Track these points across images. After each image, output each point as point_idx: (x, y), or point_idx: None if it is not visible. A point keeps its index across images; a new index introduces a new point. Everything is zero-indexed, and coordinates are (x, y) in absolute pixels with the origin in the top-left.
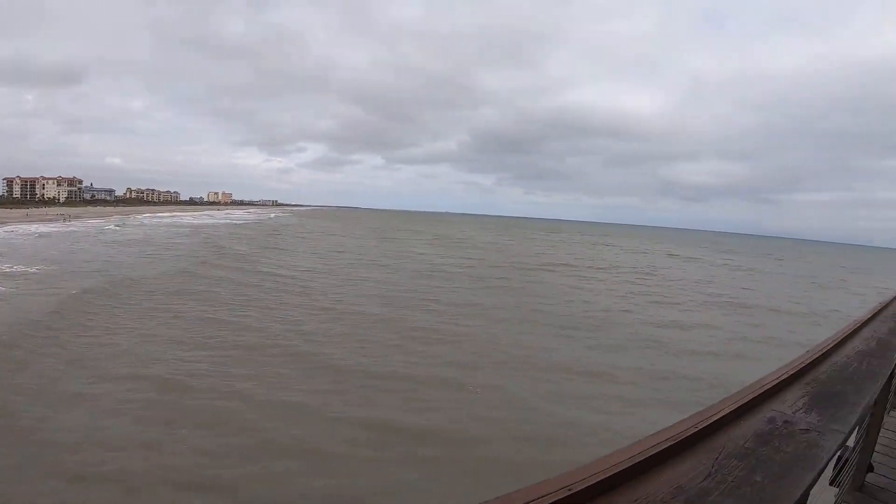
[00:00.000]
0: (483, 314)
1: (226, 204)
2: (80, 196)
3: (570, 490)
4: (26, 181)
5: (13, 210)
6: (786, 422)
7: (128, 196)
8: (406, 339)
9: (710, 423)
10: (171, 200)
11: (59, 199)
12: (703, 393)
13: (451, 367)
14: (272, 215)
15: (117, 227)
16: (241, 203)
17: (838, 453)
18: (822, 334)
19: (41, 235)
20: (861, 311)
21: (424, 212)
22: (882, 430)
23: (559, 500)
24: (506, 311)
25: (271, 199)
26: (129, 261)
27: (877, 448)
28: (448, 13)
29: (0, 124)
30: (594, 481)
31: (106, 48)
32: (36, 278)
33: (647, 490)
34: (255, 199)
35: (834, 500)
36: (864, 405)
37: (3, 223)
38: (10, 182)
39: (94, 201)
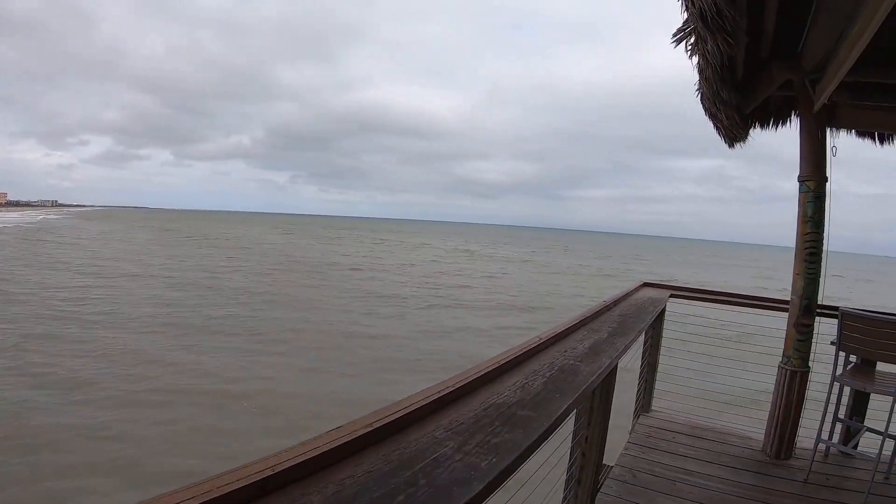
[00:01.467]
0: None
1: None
2: None
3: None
4: None
5: None
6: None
7: None
8: None
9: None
10: None
11: None
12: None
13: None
14: (39, 217)
15: None
16: (16, 204)
17: None
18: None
19: None
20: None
21: (217, 211)
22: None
23: (364, 434)
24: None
25: (51, 198)
26: None
27: None
28: (252, 1)
29: None
30: (392, 419)
31: None
32: None
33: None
34: (34, 199)
35: None
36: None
37: None
38: None
39: None
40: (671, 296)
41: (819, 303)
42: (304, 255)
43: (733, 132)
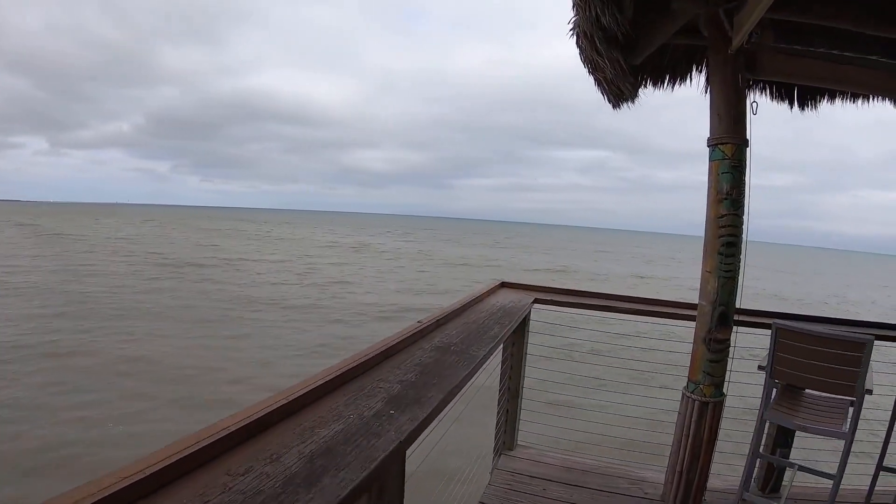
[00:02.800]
0: None
1: None
2: None
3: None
4: None
5: None
6: None
7: None
8: None
9: None
10: None
11: None
12: None
13: None
14: None
15: None
16: None
17: None
18: None
19: None
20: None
21: (95, 203)
22: None
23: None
24: None
25: None
26: None
27: None
28: None
29: None
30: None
31: None
32: None
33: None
34: None
35: None
36: None
37: None
38: None
39: None
40: (536, 301)
41: (738, 307)
42: (163, 250)
43: (619, 88)
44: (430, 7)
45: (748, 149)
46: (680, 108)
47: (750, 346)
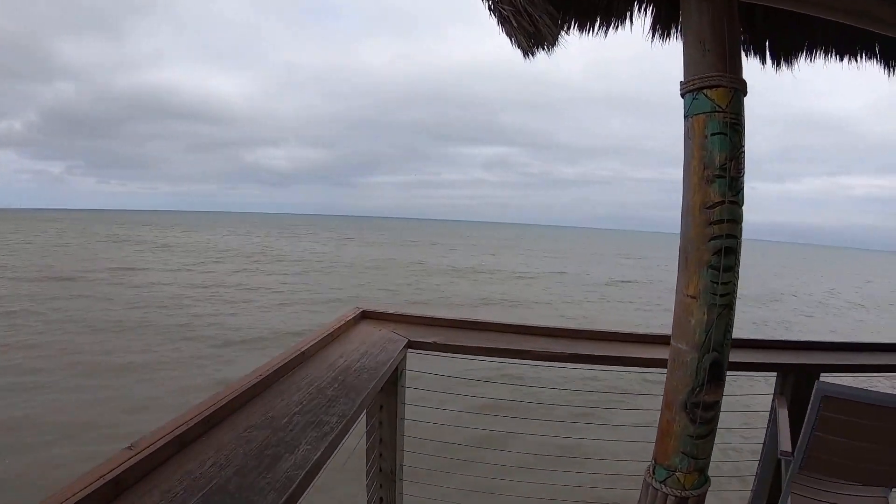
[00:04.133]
0: None
1: None
2: None
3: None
4: None
5: None
6: None
7: None
8: None
9: None
10: None
11: None
12: None
13: None
14: None
15: None
16: None
17: None
18: None
19: None
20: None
21: None
22: None
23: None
24: None
25: None
26: None
27: None
28: None
29: None
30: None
31: None
32: None
33: None
34: None
35: None
36: None
37: None
38: None
39: None
40: (410, 345)
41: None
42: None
43: (534, 23)
44: (339, 2)
45: (746, 97)
46: (580, 104)
47: None
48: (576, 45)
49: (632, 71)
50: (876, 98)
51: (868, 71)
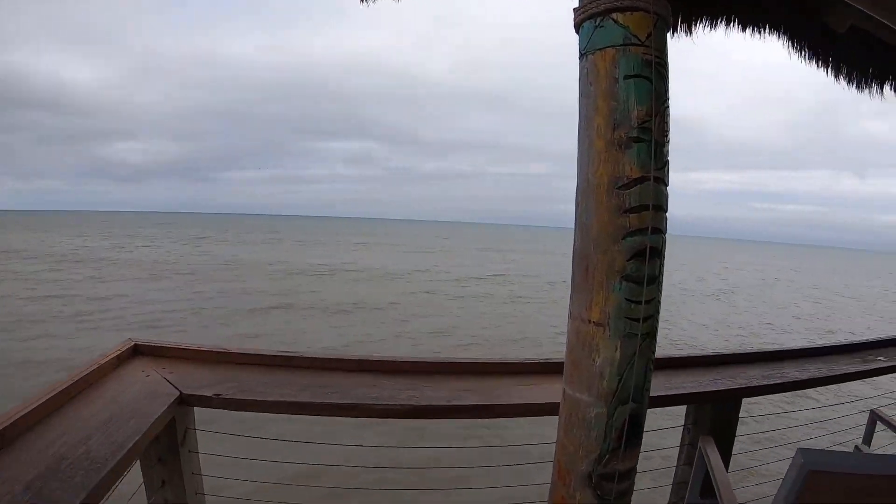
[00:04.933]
0: None
1: None
2: None
3: None
4: None
5: None
6: None
7: None
8: None
9: None
10: None
11: None
12: None
13: None
14: None
15: None
16: None
17: None
18: None
19: None
20: None
21: None
22: None
23: None
24: None
25: None
26: None
27: None
28: None
29: None
30: None
31: None
32: None
33: None
34: None
35: None
36: None
37: None
38: None
39: None
40: (184, 399)
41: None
42: None
43: None
44: None
45: (670, 36)
46: (445, 100)
47: None
48: (444, 44)
49: (496, 72)
50: (728, 105)
51: (721, 76)
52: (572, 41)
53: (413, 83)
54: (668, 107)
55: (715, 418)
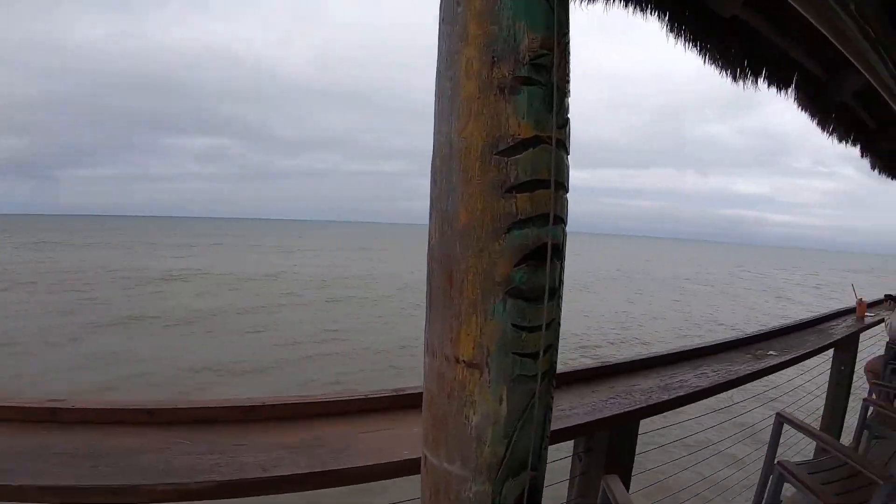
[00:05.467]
0: None
1: None
2: None
3: None
4: None
5: None
6: None
7: None
8: None
9: None
10: None
11: None
12: None
13: None
14: None
15: None
16: None
17: None
18: None
19: None
20: None
21: None
22: None
23: None
24: None
25: None
26: None
27: None
28: None
29: None
30: None
31: None
32: None
33: None
34: None
35: None
36: None
37: None
38: None
39: None
40: None
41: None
42: None
43: None
44: None
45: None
46: (302, 95)
47: None
48: (304, 41)
49: (355, 70)
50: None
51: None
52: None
53: (271, 79)
54: (569, 42)
55: (612, 442)
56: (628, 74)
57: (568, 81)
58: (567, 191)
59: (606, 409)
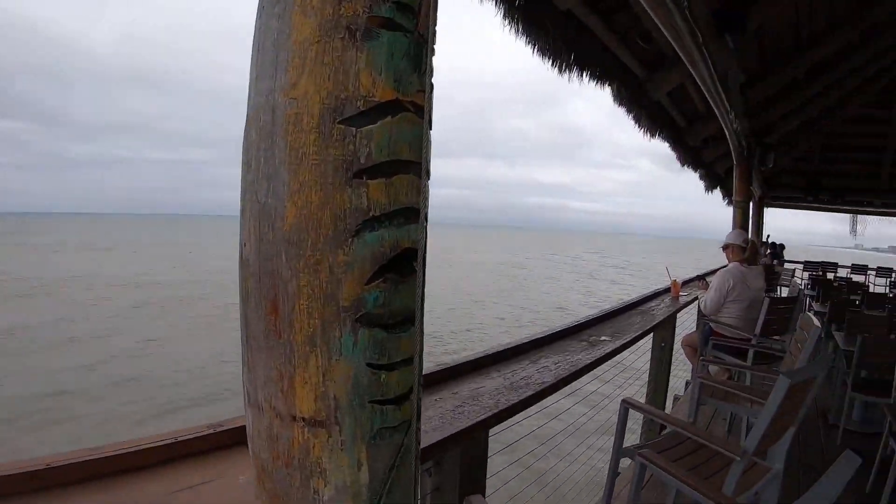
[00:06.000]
0: None
1: None
2: None
3: None
4: None
5: None
6: None
7: None
8: None
9: None
10: None
11: None
12: None
13: None
14: None
15: None
16: None
17: None
18: None
19: None
20: None
21: None
22: None
23: None
24: None
25: None
26: None
27: None
28: None
29: None
30: None
31: None
32: None
33: None
34: None
35: None
36: None
37: None
38: None
39: None
40: None
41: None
42: None
43: None
44: None
45: None
46: (96, 78)
47: None
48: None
49: (158, 48)
50: None
51: None
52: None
53: (72, 57)
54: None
55: (465, 454)
56: (449, 67)
57: (434, 34)
58: (429, 178)
59: (456, 420)
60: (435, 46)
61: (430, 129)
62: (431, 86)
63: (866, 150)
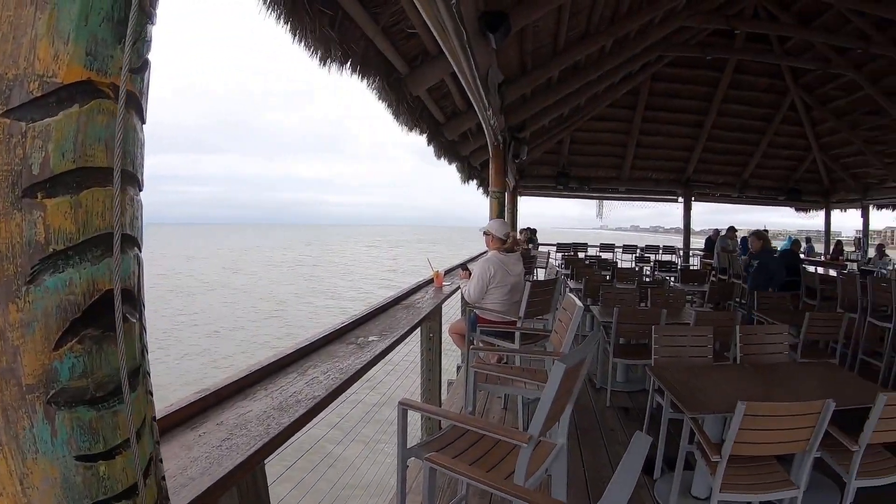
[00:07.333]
0: None
1: None
2: None
3: None
4: None
5: None
6: None
7: None
8: None
9: None
10: None
11: None
12: None
13: None
14: None
15: None
16: None
17: None
18: None
19: None
20: None
21: None
22: None
23: None
24: None
25: None
26: None
27: None
28: None
29: None
30: None
31: None
32: None
33: None
34: None
35: None
36: None
37: None
38: None
39: None
40: None
41: None
42: None
43: None
44: None
45: None
46: None
47: None
48: None
49: None
50: None
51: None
52: None
53: None
54: None
55: (243, 493)
56: (208, 61)
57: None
58: (142, 188)
59: (225, 458)
60: (157, 12)
61: (144, 122)
62: (147, 63)
63: (611, 144)
